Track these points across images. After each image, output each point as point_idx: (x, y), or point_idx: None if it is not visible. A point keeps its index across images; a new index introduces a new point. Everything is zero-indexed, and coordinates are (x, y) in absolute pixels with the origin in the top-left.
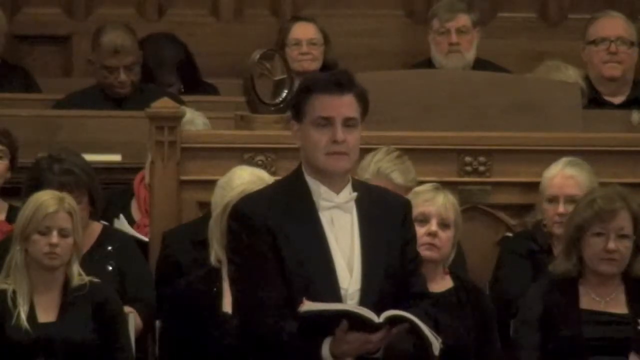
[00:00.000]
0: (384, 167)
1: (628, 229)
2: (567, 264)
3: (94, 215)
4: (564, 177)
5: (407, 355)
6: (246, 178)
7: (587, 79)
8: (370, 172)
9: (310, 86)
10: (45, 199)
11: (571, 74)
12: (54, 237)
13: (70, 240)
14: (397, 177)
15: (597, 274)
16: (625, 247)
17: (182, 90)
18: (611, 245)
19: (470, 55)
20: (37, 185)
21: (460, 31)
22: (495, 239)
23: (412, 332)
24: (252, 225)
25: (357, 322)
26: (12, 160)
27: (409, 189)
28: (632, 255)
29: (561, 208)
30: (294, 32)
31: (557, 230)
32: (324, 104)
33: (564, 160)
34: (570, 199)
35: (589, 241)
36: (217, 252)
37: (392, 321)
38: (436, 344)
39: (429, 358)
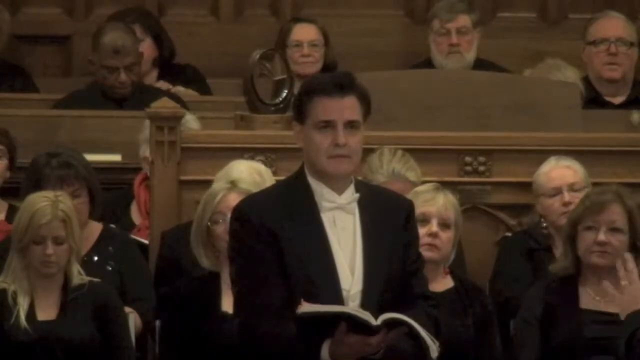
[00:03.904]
0: (398, 168)
1: (620, 222)
2: (565, 262)
3: (93, 214)
4: (560, 168)
5: (406, 358)
6: (244, 172)
7: (586, 79)
8: (386, 175)
9: (312, 88)
10: (39, 207)
11: (570, 75)
12: (49, 248)
13: (65, 246)
14: (413, 176)
15: (593, 270)
16: (618, 241)
17: (157, 59)
18: (601, 237)
19: (471, 56)
20: (36, 182)
21: (460, 32)
22: (495, 239)
23: (410, 335)
24: (253, 226)
25: (355, 324)
26: (11, 160)
27: (418, 185)
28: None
29: (567, 197)
30: (295, 34)
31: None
32: (326, 106)
33: (554, 157)
34: (572, 188)
35: (581, 236)
36: (204, 261)
37: (390, 324)
38: (433, 347)
39: None
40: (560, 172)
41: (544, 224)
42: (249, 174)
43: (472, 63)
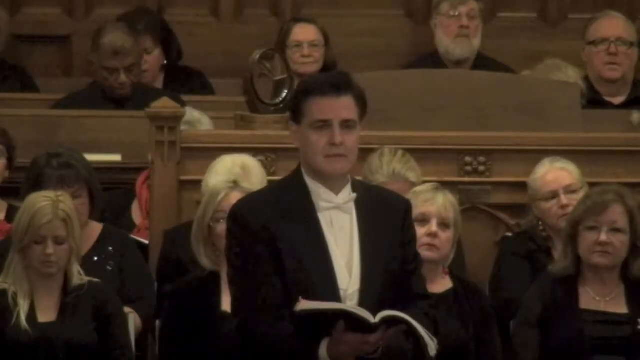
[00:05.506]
0: (398, 168)
1: (621, 222)
2: (565, 262)
3: (94, 214)
4: (555, 170)
5: (404, 356)
6: (228, 164)
7: (586, 79)
8: (386, 175)
9: (308, 88)
10: (40, 206)
11: (571, 74)
12: (49, 247)
13: (65, 246)
14: (413, 176)
15: (594, 270)
16: (619, 241)
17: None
18: (603, 237)
19: (476, 43)
20: (36, 182)
21: (470, 16)
22: (495, 239)
23: (409, 333)
24: (250, 226)
25: (353, 323)
26: (10, 160)
27: (418, 185)
28: (632, 256)
29: (564, 200)
30: (295, 34)
31: (564, 224)
32: (322, 106)
33: (547, 159)
34: (568, 189)
35: (583, 236)
36: (203, 260)
37: (388, 321)
38: (432, 344)
39: (425, 359)
40: (555, 175)
41: (542, 227)
42: (231, 167)
43: (476, 51)
